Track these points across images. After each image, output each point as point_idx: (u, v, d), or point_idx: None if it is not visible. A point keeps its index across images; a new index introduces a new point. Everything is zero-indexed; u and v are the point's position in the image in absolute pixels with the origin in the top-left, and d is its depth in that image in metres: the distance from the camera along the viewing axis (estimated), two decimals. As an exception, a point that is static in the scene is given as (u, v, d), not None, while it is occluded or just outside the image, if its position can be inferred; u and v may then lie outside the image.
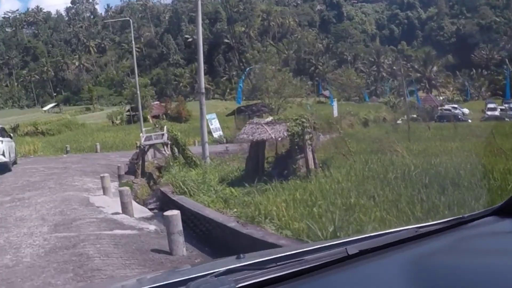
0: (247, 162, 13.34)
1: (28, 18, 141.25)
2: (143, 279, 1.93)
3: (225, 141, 35.65)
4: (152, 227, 9.06)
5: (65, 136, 40.82)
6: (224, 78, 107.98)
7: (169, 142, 17.31)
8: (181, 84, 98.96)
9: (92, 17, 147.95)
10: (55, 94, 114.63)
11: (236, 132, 36.03)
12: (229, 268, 1.40)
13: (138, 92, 25.81)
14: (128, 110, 50.81)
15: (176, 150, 16.56)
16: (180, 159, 15.97)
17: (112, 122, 50.25)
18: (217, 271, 1.37)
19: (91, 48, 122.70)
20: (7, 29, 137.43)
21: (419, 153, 14.19)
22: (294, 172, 11.27)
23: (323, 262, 1.44)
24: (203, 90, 16.64)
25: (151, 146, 18.55)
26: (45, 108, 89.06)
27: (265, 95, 38.22)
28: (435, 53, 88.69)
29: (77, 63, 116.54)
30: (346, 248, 1.50)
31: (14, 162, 18.44)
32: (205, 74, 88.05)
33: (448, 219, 1.85)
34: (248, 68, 44.69)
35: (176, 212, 7.09)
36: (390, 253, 1.55)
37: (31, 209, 10.18)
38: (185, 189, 11.50)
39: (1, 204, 11.17)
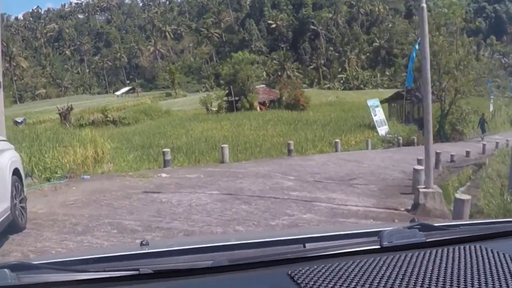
0: None
1: (102, 4, 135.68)
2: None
3: (399, 141, 22.96)
4: None
5: (146, 127, 29.51)
6: (311, 67, 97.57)
7: None
8: (264, 72, 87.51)
9: (168, 3, 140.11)
10: (128, 81, 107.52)
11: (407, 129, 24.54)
12: (420, 223, 1.42)
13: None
14: (227, 95, 39.18)
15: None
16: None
17: (207, 109, 39.18)
18: (407, 225, 1.39)
19: (167, 34, 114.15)
20: (79, 15, 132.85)
21: None
22: None
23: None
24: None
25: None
26: (118, 93, 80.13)
27: (441, 75, 26.28)
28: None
29: (152, 49, 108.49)
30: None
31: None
32: (292, 62, 76.90)
33: None
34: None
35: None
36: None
37: None
38: None
39: None
